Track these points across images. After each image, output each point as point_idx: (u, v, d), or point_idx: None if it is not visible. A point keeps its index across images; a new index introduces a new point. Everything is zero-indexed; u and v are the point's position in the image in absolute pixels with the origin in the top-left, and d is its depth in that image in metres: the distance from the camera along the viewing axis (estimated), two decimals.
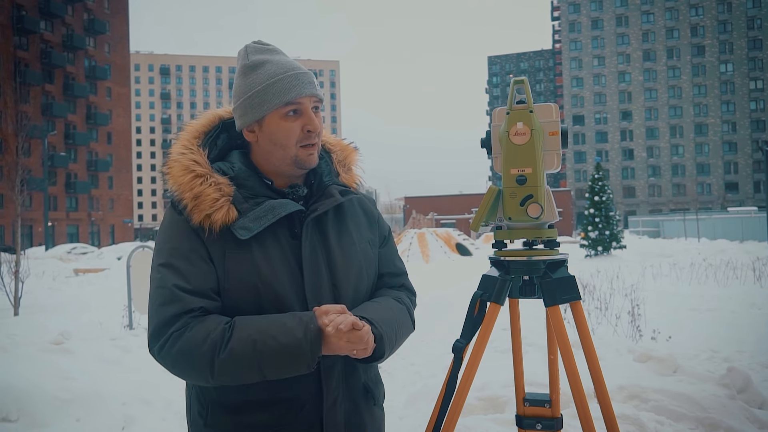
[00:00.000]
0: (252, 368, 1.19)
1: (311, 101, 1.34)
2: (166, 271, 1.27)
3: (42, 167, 42.44)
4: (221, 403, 1.30)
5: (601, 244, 20.77)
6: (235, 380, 1.22)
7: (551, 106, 1.62)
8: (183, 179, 1.31)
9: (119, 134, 65.49)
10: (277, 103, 1.31)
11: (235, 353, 1.18)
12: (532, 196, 1.56)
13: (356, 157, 1.53)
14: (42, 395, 3.54)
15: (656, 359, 4.36)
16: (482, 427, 3.31)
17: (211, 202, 1.27)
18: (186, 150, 1.34)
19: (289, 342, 1.18)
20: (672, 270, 13.05)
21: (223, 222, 1.27)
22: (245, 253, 1.28)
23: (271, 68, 1.33)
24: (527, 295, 1.65)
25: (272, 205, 1.30)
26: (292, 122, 1.33)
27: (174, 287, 1.24)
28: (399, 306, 1.44)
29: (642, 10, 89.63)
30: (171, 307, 1.23)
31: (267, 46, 1.40)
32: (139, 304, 6.97)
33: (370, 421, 1.41)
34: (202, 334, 1.20)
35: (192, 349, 1.19)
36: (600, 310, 7.33)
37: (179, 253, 1.28)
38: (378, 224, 1.53)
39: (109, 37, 63.94)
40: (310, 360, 1.20)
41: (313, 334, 1.20)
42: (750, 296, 9.15)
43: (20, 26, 53.17)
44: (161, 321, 1.23)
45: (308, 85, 1.33)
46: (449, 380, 1.61)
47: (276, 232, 1.32)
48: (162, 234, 1.34)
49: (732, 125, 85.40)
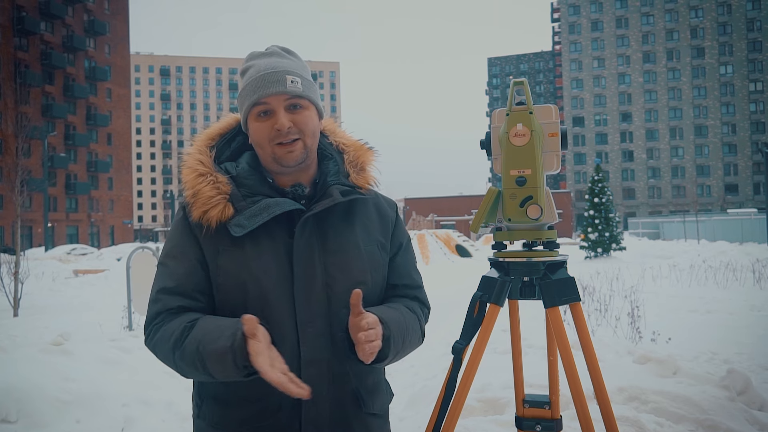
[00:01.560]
0: (198, 367, 1.22)
1: (281, 99, 1.34)
2: (160, 269, 1.37)
3: (42, 168, 42.46)
4: (214, 396, 1.36)
5: (600, 245, 20.78)
6: (193, 377, 1.29)
7: (551, 108, 1.62)
8: (188, 177, 1.36)
9: (119, 135, 65.50)
10: (249, 105, 1.35)
11: (186, 352, 1.23)
12: (532, 197, 1.56)
13: (371, 158, 1.50)
14: (42, 396, 3.54)
15: (656, 361, 4.36)
16: (482, 428, 3.31)
17: (206, 199, 1.31)
18: (195, 151, 1.41)
19: (218, 347, 1.18)
20: (672, 272, 13.05)
21: (218, 219, 1.31)
22: (238, 249, 1.31)
23: (251, 72, 1.37)
24: (527, 296, 1.65)
25: (268, 203, 1.32)
26: (262, 122, 1.35)
27: (160, 287, 1.34)
28: (411, 314, 1.42)
29: (642, 12, 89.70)
30: (156, 304, 1.33)
31: (267, 50, 1.42)
32: (138, 305, 6.97)
33: (360, 427, 1.37)
34: (168, 332, 1.27)
35: (162, 344, 1.28)
36: (600, 312, 7.33)
37: (173, 252, 1.36)
38: (394, 229, 1.49)
39: (109, 38, 63.97)
40: (233, 367, 1.17)
41: (238, 341, 1.16)
42: (750, 298, 9.15)
43: (20, 27, 53.19)
44: (148, 315, 1.35)
45: (274, 83, 1.33)
46: (449, 381, 1.61)
47: (273, 231, 1.32)
48: (169, 232, 1.42)
49: (732, 127, 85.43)
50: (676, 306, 8.49)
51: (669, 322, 7.00)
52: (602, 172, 21.67)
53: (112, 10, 65.09)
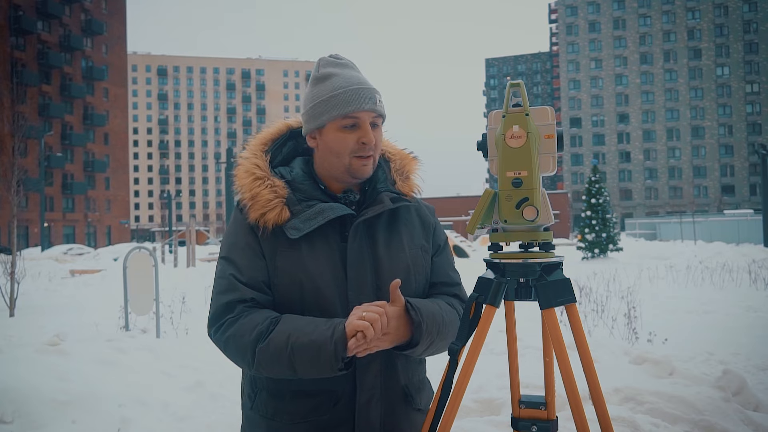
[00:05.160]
0: (282, 360, 1.26)
1: (370, 116, 1.41)
2: (225, 263, 1.40)
3: (38, 168, 42.33)
4: (268, 389, 1.40)
5: (597, 246, 20.81)
6: (270, 370, 1.29)
7: (547, 109, 1.63)
8: (245, 181, 1.43)
9: (116, 135, 65.41)
10: (336, 115, 1.39)
11: (272, 344, 1.27)
12: (528, 199, 1.56)
13: (415, 167, 1.58)
14: (38, 396, 3.54)
15: (652, 361, 4.38)
16: (478, 429, 3.31)
17: (265, 202, 1.38)
18: (251, 155, 1.47)
19: (315, 338, 1.25)
20: (668, 272, 13.09)
21: (275, 221, 1.37)
22: (295, 251, 1.37)
23: (336, 81, 1.41)
24: (523, 297, 1.65)
25: (322, 208, 1.38)
26: (348, 134, 1.40)
27: (231, 277, 1.36)
28: (449, 308, 1.49)
29: (639, 14, 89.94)
30: (227, 295, 1.35)
31: (340, 60, 1.47)
32: (135, 305, 6.96)
33: (407, 426, 1.45)
34: (251, 324, 1.30)
35: (240, 337, 1.30)
36: (596, 313, 7.35)
37: (237, 247, 1.40)
38: (434, 233, 1.58)
39: (106, 38, 63.89)
40: (333, 358, 1.24)
41: (339, 334, 1.25)
42: (746, 299, 9.18)
43: (17, 26, 53.10)
44: (219, 307, 1.36)
45: (368, 100, 1.40)
46: (445, 382, 1.61)
47: (327, 234, 1.39)
48: (227, 230, 1.47)
49: (728, 128, 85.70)
50: (672, 307, 8.52)
51: (665, 323, 7.03)
52: (599, 173, 21.70)
53: (110, 10, 65.01)
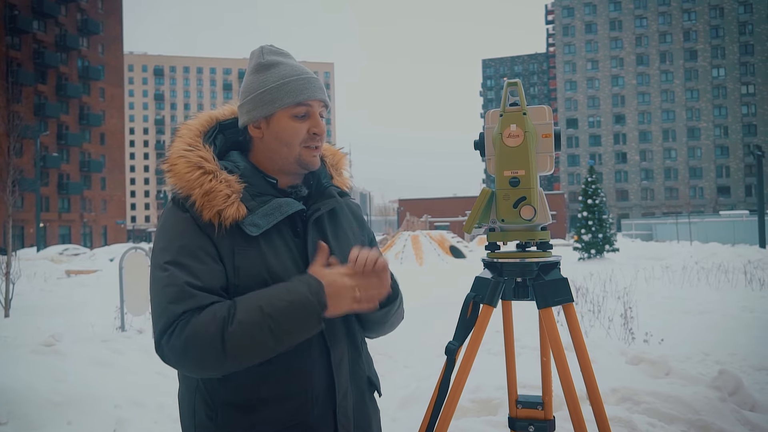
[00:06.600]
0: (263, 334, 1.18)
1: (319, 105, 1.40)
2: (174, 269, 1.24)
3: (34, 168, 42.20)
4: (232, 402, 1.28)
5: (594, 247, 20.84)
6: (248, 354, 1.19)
7: (544, 109, 1.62)
8: (190, 176, 1.30)
9: (112, 135, 65.20)
10: (288, 102, 1.35)
11: (244, 323, 1.18)
12: (525, 198, 1.56)
13: (345, 162, 1.60)
14: (33, 397, 3.52)
15: (648, 362, 4.38)
16: (475, 429, 3.31)
17: (223, 198, 1.28)
18: (191, 147, 1.35)
19: (294, 298, 1.22)
20: (664, 273, 13.10)
21: (234, 218, 1.29)
22: (253, 249, 1.31)
23: (285, 69, 1.39)
24: (520, 297, 1.66)
25: (279, 203, 1.35)
26: (299, 123, 1.37)
27: (185, 284, 1.22)
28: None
29: (635, 15, 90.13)
30: (181, 304, 1.21)
31: (282, 50, 1.46)
32: (131, 305, 6.93)
33: (373, 411, 1.49)
34: (208, 316, 1.19)
35: (200, 331, 1.18)
36: (593, 313, 7.36)
37: (188, 251, 1.26)
38: (365, 226, 1.60)
39: (102, 38, 63.69)
40: (319, 310, 1.23)
41: (315, 286, 1.24)
42: (741, 299, 9.19)
43: (13, 26, 52.87)
44: (171, 318, 1.21)
45: (319, 90, 1.40)
46: (442, 382, 1.61)
47: (281, 229, 1.36)
48: (166, 232, 1.31)
49: (724, 129, 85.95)
50: (668, 307, 8.52)
51: (661, 323, 7.03)
52: (596, 173, 21.72)
53: (106, 10, 64.80)
